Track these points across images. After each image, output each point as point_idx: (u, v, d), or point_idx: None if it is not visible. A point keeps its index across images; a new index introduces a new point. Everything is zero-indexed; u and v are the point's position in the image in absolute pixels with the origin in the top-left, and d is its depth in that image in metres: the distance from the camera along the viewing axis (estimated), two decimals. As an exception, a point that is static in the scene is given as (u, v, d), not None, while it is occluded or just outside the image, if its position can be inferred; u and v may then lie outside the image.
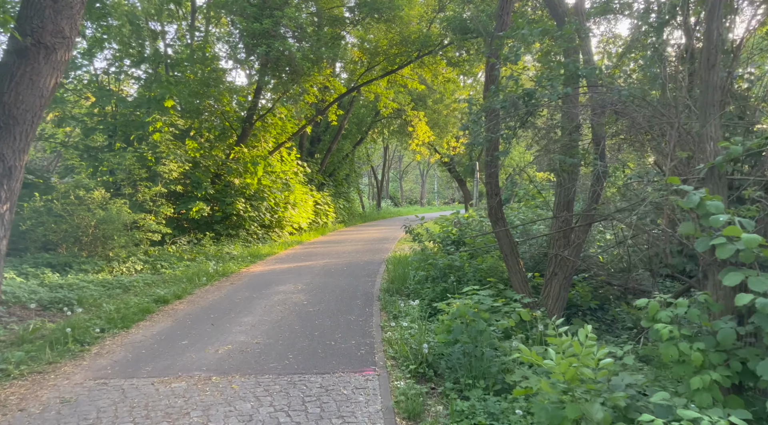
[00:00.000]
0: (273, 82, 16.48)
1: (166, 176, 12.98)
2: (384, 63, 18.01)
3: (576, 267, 7.13)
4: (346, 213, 26.74)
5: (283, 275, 10.82)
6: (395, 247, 15.99)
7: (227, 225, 15.64)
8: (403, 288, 9.06)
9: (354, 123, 28.39)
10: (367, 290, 9.21)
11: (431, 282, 8.55)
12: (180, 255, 12.37)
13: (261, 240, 16.43)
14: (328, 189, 25.01)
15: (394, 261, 11.96)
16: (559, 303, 6.93)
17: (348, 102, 25.10)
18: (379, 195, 41.71)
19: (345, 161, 27.94)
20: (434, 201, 65.88)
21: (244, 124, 17.43)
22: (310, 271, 11.29)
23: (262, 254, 13.88)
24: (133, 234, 11.65)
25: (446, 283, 8.00)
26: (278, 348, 5.84)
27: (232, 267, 11.58)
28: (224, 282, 10.01)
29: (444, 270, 8.40)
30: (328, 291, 9.07)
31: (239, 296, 8.67)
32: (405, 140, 28.28)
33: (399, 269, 10.57)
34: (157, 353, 5.66)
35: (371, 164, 40.32)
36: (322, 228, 21.43)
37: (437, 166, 54.27)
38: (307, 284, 9.74)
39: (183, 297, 8.55)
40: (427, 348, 5.23)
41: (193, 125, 16.08)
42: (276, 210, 17.58)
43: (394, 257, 13.00)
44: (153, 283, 9.50)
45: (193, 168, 15.40)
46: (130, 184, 12.61)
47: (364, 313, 7.51)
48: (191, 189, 15.36)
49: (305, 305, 8.01)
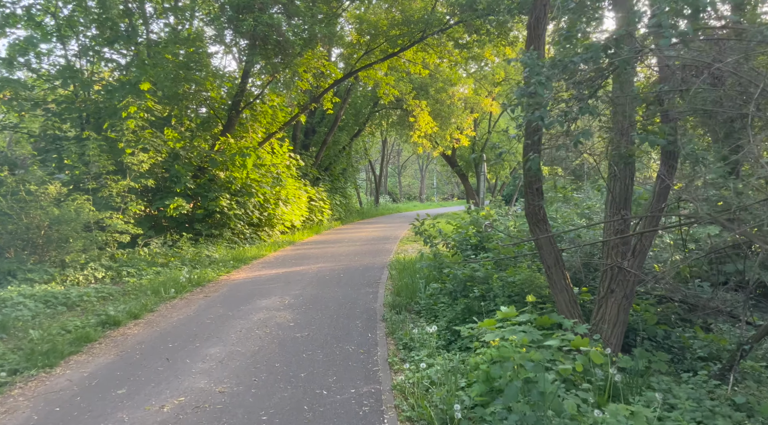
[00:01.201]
0: (261, 63, 14.79)
1: (136, 168, 11.31)
2: (385, 45, 16.34)
3: (638, 282, 5.56)
4: (342, 210, 25.11)
5: (269, 284, 9.20)
6: (397, 248, 14.38)
7: (210, 224, 14.00)
8: (412, 303, 7.45)
9: (351, 114, 26.72)
10: (368, 305, 7.60)
11: (448, 297, 6.96)
12: (152, 260, 10.73)
13: (248, 240, 14.79)
14: (323, 184, 23.37)
15: (399, 267, 10.36)
16: (618, 329, 5.34)
17: (345, 90, 23.44)
18: (377, 190, 40.07)
19: (342, 154, 26.27)
20: (433, 197, 64.30)
21: (231, 111, 15.75)
22: (301, 279, 9.67)
23: (247, 257, 12.24)
24: (95, 236, 10.01)
25: (467, 299, 6.39)
26: (249, 402, 4.22)
27: (210, 274, 9.94)
28: (197, 295, 8.38)
29: (464, 283, 6.80)
30: (321, 307, 7.45)
31: (211, 314, 7.05)
32: (405, 132, 26.64)
33: (405, 277, 8.96)
34: (77, 412, 4.03)
35: (369, 158, 38.67)
36: (316, 227, 19.80)
37: (437, 160, 52.69)
38: (296, 297, 8.12)
39: (141, 316, 6.91)
40: (460, 411, 3.63)
41: (172, 112, 14.41)
42: (266, 207, 15.94)
43: (398, 261, 11.40)
44: (109, 297, 7.86)
45: (173, 160, 13.76)
46: (94, 178, 10.94)
47: (366, 341, 5.90)
48: (170, 183, 13.73)
49: (291, 328, 6.38)
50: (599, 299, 5.47)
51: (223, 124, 15.96)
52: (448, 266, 7.31)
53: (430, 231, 8.11)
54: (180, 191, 13.33)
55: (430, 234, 8.03)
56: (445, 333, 6.00)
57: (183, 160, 14.02)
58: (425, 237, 7.97)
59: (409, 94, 20.86)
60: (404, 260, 11.40)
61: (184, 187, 13.39)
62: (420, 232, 8.01)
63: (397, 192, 57.04)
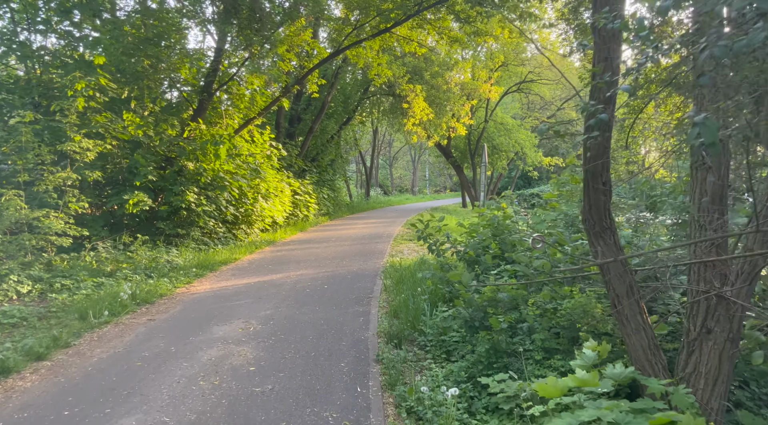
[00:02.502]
0: (235, 36, 12.91)
1: (79, 157, 9.44)
2: (377, 19, 14.49)
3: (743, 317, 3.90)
4: (331, 204, 23.28)
5: (235, 300, 7.43)
6: (391, 249, 12.65)
7: (175, 223, 12.15)
8: (414, 332, 5.72)
9: (340, 101, 24.84)
10: (357, 334, 5.85)
11: (463, 326, 5.24)
12: (97, 268, 8.90)
13: (221, 241, 12.97)
14: (310, 176, 21.52)
15: (395, 274, 8.63)
16: (720, 386, 3.65)
17: (333, 74, 21.56)
18: (368, 183, 38.26)
19: (330, 144, 24.38)
20: (425, 189, 62.61)
21: (202, 94, 13.87)
22: (276, 292, 7.91)
23: (215, 262, 10.44)
24: (21, 240, 8.17)
25: (492, 335, 4.68)
26: None
27: (164, 286, 8.14)
28: (139, 317, 6.59)
29: (484, 309, 5.08)
30: (296, 339, 5.70)
31: (147, 351, 5.27)
32: (398, 120, 24.81)
33: (403, 290, 7.24)
34: None
35: (360, 149, 36.78)
36: (301, 223, 17.99)
37: (430, 151, 50.80)
38: (265, 321, 6.36)
39: (48, 356, 5.11)
40: None
41: (132, 94, 12.49)
42: (242, 202, 14.11)
43: (393, 266, 9.68)
44: (22, 322, 6.03)
45: (133, 148, 11.89)
46: (28, 170, 9.04)
47: (353, 401, 4.15)
48: (128, 175, 11.87)
49: (251, 376, 4.62)
50: (689, 341, 3.78)
51: (194, 109, 14.09)
52: (462, 284, 5.58)
53: (437, 235, 6.38)
54: (140, 184, 11.47)
55: (437, 239, 6.30)
56: (464, 384, 4.29)
57: (145, 149, 12.15)
58: (431, 243, 6.23)
59: (402, 77, 19.02)
60: (401, 265, 9.68)
61: (145, 180, 11.53)
62: (424, 237, 6.27)
63: (388, 184, 55.24)
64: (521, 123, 31.06)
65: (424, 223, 6.42)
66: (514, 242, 6.16)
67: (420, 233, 6.44)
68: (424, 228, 6.39)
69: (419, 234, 6.46)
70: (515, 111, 34.78)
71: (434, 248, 6.34)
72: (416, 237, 6.56)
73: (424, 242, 6.48)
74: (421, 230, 6.44)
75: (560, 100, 32.64)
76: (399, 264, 9.85)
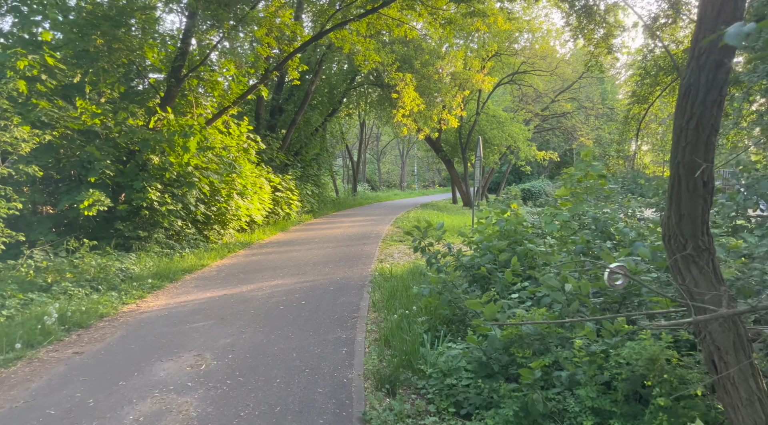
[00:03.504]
0: (202, 12, 11.50)
1: (11, 149, 8.02)
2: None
3: None
4: (315, 201, 21.90)
5: (191, 322, 6.11)
6: (380, 252, 11.39)
7: (136, 224, 10.74)
8: (411, 373, 4.46)
9: (325, 91, 23.43)
10: (338, 375, 4.57)
11: (477, 370, 3.99)
12: (33, 280, 7.50)
13: (191, 243, 11.58)
14: (293, 171, 20.13)
15: (385, 287, 7.38)
16: None
17: (316, 62, 20.15)
18: (355, 178, 36.90)
19: (314, 137, 22.95)
20: (413, 184, 61.38)
21: (170, 79, 12.44)
22: (243, 310, 6.60)
23: (179, 270, 9.09)
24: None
25: (522, 390, 3.44)
26: None
27: (108, 303, 6.78)
28: (63, 349, 5.24)
29: (506, 349, 3.83)
30: (258, 384, 4.41)
31: (54, 406, 3.94)
32: (387, 111, 23.45)
33: (396, 308, 5.99)
34: None
35: (346, 143, 35.34)
36: (282, 222, 16.63)
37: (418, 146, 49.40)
38: (223, 353, 5.05)
39: None
40: None
41: (86, 79, 11.01)
42: (215, 200, 12.73)
43: (384, 274, 8.43)
44: None
45: (86, 139, 10.47)
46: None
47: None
48: (82, 171, 10.46)
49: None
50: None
51: (162, 96, 12.65)
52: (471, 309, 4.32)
53: (436, 245, 5.13)
54: (95, 181, 10.07)
55: (437, 251, 5.04)
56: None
57: (103, 141, 10.73)
58: (429, 256, 4.97)
59: (391, 65, 17.68)
60: (391, 274, 8.42)
61: (102, 176, 10.13)
62: (421, 249, 5.01)
63: (376, 179, 53.91)
64: (514, 115, 29.89)
65: (422, 230, 5.14)
66: (534, 254, 4.92)
67: (416, 243, 5.17)
68: (422, 237, 5.12)
69: (416, 244, 5.19)
70: (506, 104, 33.60)
71: (434, 262, 5.07)
72: (412, 248, 5.28)
73: (421, 254, 5.21)
74: (418, 239, 5.17)
75: (554, 92, 31.50)
76: (389, 272, 8.58)
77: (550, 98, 31.26)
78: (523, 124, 30.02)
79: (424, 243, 5.10)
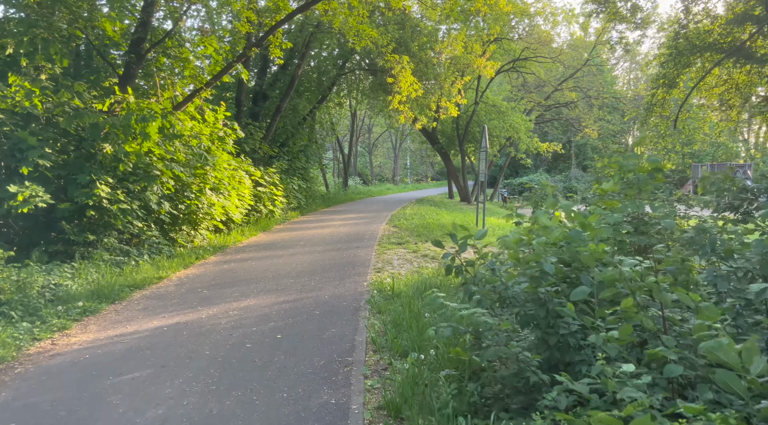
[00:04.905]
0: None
1: None
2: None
3: None
4: (303, 196, 20.05)
5: (117, 373, 4.31)
6: (377, 258, 9.63)
7: (83, 226, 8.87)
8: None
9: (313, 77, 21.54)
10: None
11: None
12: None
13: (152, 249, 9.73)
14: (278, 163, 18.25)
15: (387, 311, 5.65)
16: None
17: (303, 43, 18.23)
18: (346, 171, 35.04)
19: (302, 127, 21.04)
20: (406, 178, 59.60)
21: (129, 55, 10.55)
22: (196, 351, 4.82)
23: (126, 285, 7.25)
24: None
25: None
26: None
27: (10, 342, 4.95)
28: None
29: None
30: None
31: None
32: (381, 99, 21.57)
33: (406, 347, 4.24)
34: None
35: (337, 134, 33.41)
36: (265, 221, 14.79)
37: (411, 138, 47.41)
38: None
39: None
40: None
41: (20, 49, 9.10)
42: (183, 196, 10.88)
43: (383, 291, 6.69)
44: None
45: (23, 123, 8.62)
46: None
47: None
48: (12, 161, 8.58)
49: None
50: None
51: (120, 75, 10.77)
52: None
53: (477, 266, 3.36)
54: (29, 173, 8.21)
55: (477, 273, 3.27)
56: None
57: (40, 125, 8.84)
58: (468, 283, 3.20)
59: (386, 46, 15.85)
60: (393, 290, 6.67)
61: (35, 167, 8.28)
62: (456, 269, 3.24)
63: (368, 173, 52.03)
64: (515, 105, 28.14)
65: (459, 242, 3.35)
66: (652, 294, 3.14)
67: (449, 260, 3.40)
68: (456, 252, 3.36)
69: (447, 261, 3.42)
70: (505, 94, 31.83)
71: (476, 290, 3.30)
72: (444, 270, 3.53)
73: (456, 276, 3.45)
74: (451, 255, 3.40)
75: (556, 81, 29.77)
76: (390, 288, 6.83)
77: (552, 86, 29.52)
78: (524, 114, 28.31)
79: (460, 260, 3.34)
